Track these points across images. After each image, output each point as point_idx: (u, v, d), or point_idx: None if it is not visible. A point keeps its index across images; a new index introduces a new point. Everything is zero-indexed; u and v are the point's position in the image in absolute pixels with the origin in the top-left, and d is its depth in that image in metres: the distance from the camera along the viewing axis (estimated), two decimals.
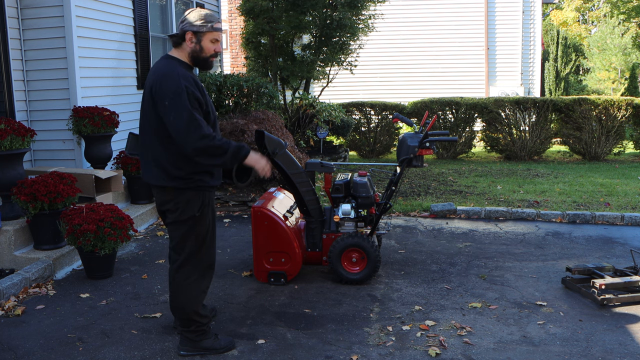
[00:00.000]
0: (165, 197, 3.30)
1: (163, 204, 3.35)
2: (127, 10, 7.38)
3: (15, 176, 4.99)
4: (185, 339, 3.48)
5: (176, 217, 3.30)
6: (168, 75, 3.15)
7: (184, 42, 3.28)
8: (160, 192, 3.33)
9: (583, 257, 5.38)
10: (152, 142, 3.25)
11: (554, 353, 3.52)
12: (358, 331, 3.81)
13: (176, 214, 3.30)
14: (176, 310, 3.46)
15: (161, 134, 3.20)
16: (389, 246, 5.72)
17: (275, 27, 9.67)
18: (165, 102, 3.10)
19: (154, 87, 3.16)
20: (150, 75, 3.25)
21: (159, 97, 3.13)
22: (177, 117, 3.09)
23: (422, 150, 4.64)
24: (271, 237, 4.56)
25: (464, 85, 15.38)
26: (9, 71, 5.92)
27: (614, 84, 23.32)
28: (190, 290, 3.41)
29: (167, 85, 3.12)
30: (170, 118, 3.10)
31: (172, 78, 3.13)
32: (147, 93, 3.23)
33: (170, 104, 3.09)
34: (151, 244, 5.82)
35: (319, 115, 9.73)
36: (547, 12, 32.33)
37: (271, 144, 4.55)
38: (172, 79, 3.13)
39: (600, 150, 11.57)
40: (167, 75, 3.15)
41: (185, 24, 3.25)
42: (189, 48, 3.28)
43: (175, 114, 3.09)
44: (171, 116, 3.09)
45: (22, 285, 4.47)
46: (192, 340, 3.46)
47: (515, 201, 7.54)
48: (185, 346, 3.48)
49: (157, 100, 3.14)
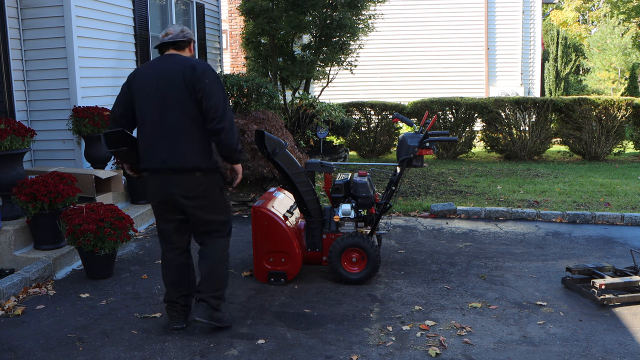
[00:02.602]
0: (196, 181, 3.56)
1: (193, 189, 3.57)
2: (127, 10, 7.38)
3: (15, 176, 4.99)
4: (205, 308, 3.70)
5: (213, 193, 3.65)
6: (201, 63, 3.56)
7: (188, 47, 3.72)
8: (188, 177, 3.55)
9: (583, 257, 5.38)
10: (188, 130, 3.52)
11: (554, 353, 3.52)
12: (358, 331, 3.81)
13: (212, 191, 3.64)
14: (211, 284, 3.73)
15: (199, 121, 3.53)
16: (389, 246, 5.72)
17: (275, 27, 9.67)
18: (207, 80, 3.47)
19: (189, 73, 3.48)
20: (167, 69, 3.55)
21: (198, 79, 3.47)
22: (219, 94, 3.50)
23: (422, 150, 4.64)
24: (271, 237, 4.56)
25: (464, 85, 15.38)
26: (9, 71, 5.92)
27: (614, 84, 23.32)
28: (227, 259, 3.84)
29: (206, 69, 3.53)
30: (212, 95, 3.47)
31: (206, 65, 3.58)
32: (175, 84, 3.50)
33: (211, 83, 3.49)
34: (151, 244, 5.82)
35: (319, 115, 9.73)
36: (547, 12, 32.34)
37: (271, 144, 4.55)
38: (207, 66, 3.59)
39: (600, 150, 11.57)
40: (201, 63, 3.56)
41: (188, 33, 3.70)
42: (191, 52, 3.75)
43: (217, 91, 3.50)
44: (213, 93, 3.48)
45: (22, 285, 4.47)
46: (214, 309, 3.72)
47: (515, 201, 7.54)
48: (203, 314, 3.69)
49: (196, 83, 3.47)
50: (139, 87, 3.60)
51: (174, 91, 3.50)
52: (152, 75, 3.58)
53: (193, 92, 3.49)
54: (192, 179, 3.56)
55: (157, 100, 3.54)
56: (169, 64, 3.58)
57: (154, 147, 3.57)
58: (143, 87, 3.58)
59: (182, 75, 3.49)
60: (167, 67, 3.57)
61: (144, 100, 3.58)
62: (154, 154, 3.57)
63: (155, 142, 3.57)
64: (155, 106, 3.55)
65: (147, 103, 3.57)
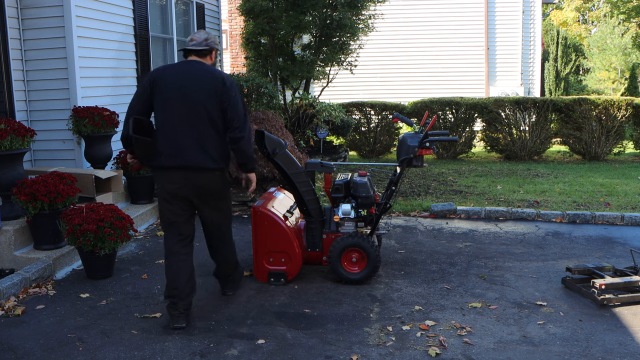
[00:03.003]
0: (210, 178, 3.86)
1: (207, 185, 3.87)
2: (127, 10, 7.38)
3: (15, 176, 4.99)
4: (230, 282, 4.44)
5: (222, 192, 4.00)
6: (226, 75, 3.93)
7: (209, 55, 4.00)
8: (205, 174, 3.84)
9: (583, 257, 5.38)
10: (209, 134, 3.80)
11: (554, 353, 3.52)
12: (358, 331, 3.81)
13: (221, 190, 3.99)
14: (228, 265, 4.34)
15: (220, 129, 3.84)
16: (389, 246, 5.72)
17: (275, 27, 9.67)
18: (232, 93, 3.83)
19: (218, 85, 3.79)
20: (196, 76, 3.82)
21: (227, 91, 3.81)
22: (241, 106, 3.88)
23: (422, 150, 4.64)
24: (271, 237, 4.57)
25: (464, 85, 15.38)
26: (9, 71, 5.92)
27: (614, 84, 23.32)
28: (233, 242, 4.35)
29: (232, 83, 3.87)
30: (237, 106, 3.84)
31: (232, 79, 3.93)
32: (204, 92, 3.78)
33: (236, 95, 3.86)
34: (151, 244, 5.82)
35: (319, 115, 9.73)
36: (547, 12, 32.34)
37: (271, 144, 4.55)
38: (232, 79, 3.94)
39: (600, 150, 11.57)
40: (228, 77, 3.91)
41: (211, 42, 3.97)
42: (212, 60, 4.03)
43: (239, 103, 3.87)
44: (237, 105, 3.85)
45: (22, 285, 4.47)
46: (236, 280, 4.49)
47: (515, 201, 7.54)
48: (229, 287, 4.45)
49: (223, 93, 3.79)
50: (164, 87, 3.80)
51: (201, 98, 3.77)
52: (179, 79, 3.81)
53: (219, 102, 3.79)
54: (207, 175, 3.83)
55: (182, 103, 3.77)
56: (197, 71, 3.85)
57: (176, 146, 3.78)
58: (168, 87, 3.79)
59: (212, 86, 3.78)
60: (195, 74, 3.83)
61: (167, 100, 3.79)
62: (177, 153, 3.78)
63: (177, 142, 3.78)
64: (180, 108, 3.78)
65: (171, 103, 3.79)
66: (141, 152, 3.87)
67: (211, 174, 3.84)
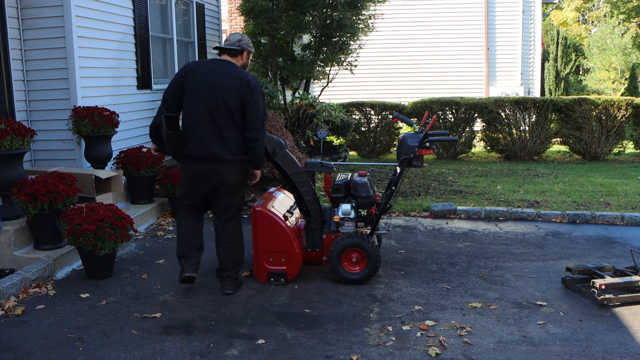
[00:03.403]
0: (231, 169, 4.21)
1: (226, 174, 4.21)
2: (127, 10, 7.38)
3: (15, 176, 4.99)
4: (232, 281, 4.45)
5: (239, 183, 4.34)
6: (252, 78, 4.19)
7: (240, 56, 4.31)
8: (226, 166, 4.19)
9: (583, 257, 5.38)
10: (231, 129, 4.14)
11: (554, 353, 3.52)
12: (358, 331, 3.81)
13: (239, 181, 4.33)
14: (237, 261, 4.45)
15: (239, 123, 4.16)
16: (389, 246, 5.72)
17: (275, 27, 9.67)
18: (255, 97, 4.12)
19: (244, 86, 4.10)
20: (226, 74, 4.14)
21: (250, 94, 4.11)
22: (261, 109, 4.17)
23: (422, 150, 4.64)
24: (271, 237, 4.56)
25: (464, 85, 15.38)
26: (9, 71, 5.92)
27: (614, 84, 23.33)
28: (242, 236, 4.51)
29: (256, 86, 4.16)
30: (257, 108, 4.13)
31: (257, 83, 4.20)
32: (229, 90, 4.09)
33: (258, 99, 4.15)
34: (151, 244, 5.82)
35: (319, 115, 9.73)
36: (547, 12, 32.34)
37: (271, 144, 4.56)
38: (258, 83, 4.20)
39: (600, 150, 11.57)
40: (252, 78, 4.19)
41: (244, 44, 4.30)
42: (243, 61, 4.33)
43: (260, 106, 4.16)
44: (258, 107, 4.14)
45: (22, 285, 4.47)
46: (237, 278, 4.50)
47: (515, 201, 7.54)
48: (230, 287, 4.43)
49: (247, 95, 4.10)
50: (194, 82, 4.14)
51: (227, 96, 4.09)
52: (207, 75, 4.14)
53: (242, 102, 4.11)
54: (229, 166, 4.20)
55: (208, 99, 4.10)
56: (227, 71, 4.17)
57: (200, 138, 4.13)
58: (197, 82, 4.13)
59: (239, 86, 4.10)
60: (224, 73, 4.15)
61: (195, 95, 4.13)
62: (202, 145, 4.13)
63: (202, 135, 4.14)
64: (206, 103, 4.11)
65: (198, 98, 4.12)
66: (170, 145, 4.20)
67: (231, 165, 4.20)
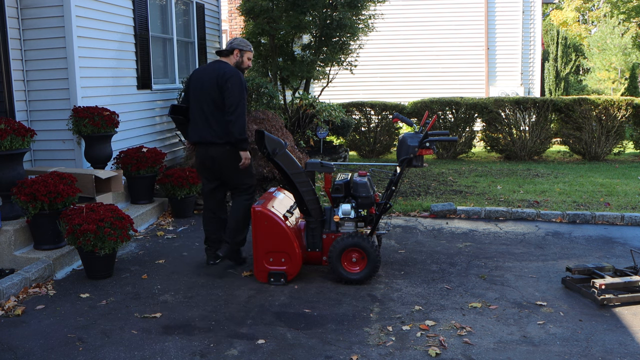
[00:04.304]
0: (221, 151, 4.84)
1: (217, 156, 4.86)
2: (127, 10, 7.37)
3: (15, 176, 4.99)
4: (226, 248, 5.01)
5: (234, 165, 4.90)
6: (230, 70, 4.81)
7: (231, 55, 4.97)
8: (216, 148, 4.84)
9: (583, 257, 5.38)
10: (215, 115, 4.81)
11: (554, 353, 3.52)
12: (358, 331, 3.81)
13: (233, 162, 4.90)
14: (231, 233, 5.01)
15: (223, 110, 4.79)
16: (389, 246, 5.72)
17: (275, 27, 9.66)
18: (229, 84, 4.74)
19: (220, 78, 4.76)
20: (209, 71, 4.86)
21: (224, 81, 4.74)
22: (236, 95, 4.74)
23: (422, 150, 4.64)
24: (271, 237, 4.56)
25: (464, 85, 15.38)
26: (9, 71, 5.92)
27: (614, 84, 23.32)
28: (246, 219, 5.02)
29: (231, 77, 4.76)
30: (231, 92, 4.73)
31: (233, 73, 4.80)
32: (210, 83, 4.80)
33: (232, 86, 4.74)
34: (151, 244, 5.82)
35: (319, 115, 9.72)
36: (547, 12, 32.34)
37: (271, 144, 4.56)
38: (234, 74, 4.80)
39: (600, 150, 11.57)
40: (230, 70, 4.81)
41: (234, 44, 4.98)
42: (235, 59, 4.97)
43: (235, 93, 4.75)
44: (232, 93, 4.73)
45: (22, 285, 4.47)
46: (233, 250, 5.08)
47: (515, 201, 7.54)
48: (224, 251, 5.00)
49: (222, 85, 4.74)
50: (193, 83, 4.95)
51: (210, 88, 4.80)
52: (201, 75, 4.91)
53: (220, 91, 4.76)
54: (217, 148, 4.83)
55: (199, 93, 4.87)
56: (213, 68, 4.87)
57: (196, 125, 4.91)
58: (195, 82, 4.93)
59: (217, 78, 4.78)
60: (210, 70, 4.87)
61: (192, 90, 4.94)
62: (197, 131, 4.90)
63: (197, 122, 4.90)
64: (198, 96, 4.88)
65: (194, 93, 4.92)
66: (179, 128, 5.19)
67: (221, 147, 4.82)
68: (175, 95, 8.48)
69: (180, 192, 6.72)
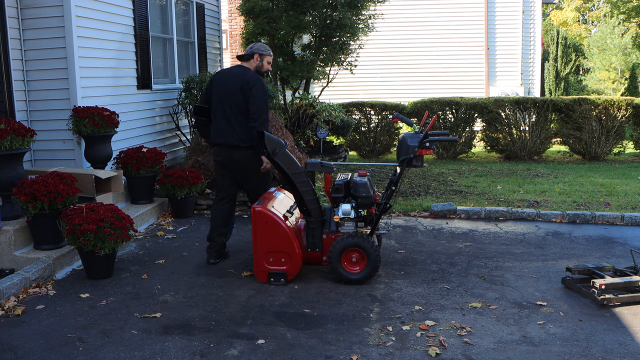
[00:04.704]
0: (242, 154, 5.02)
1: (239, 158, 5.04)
2: (127, 10, 7.37)
3: (15, 176, 4.99)
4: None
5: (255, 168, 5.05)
6: (253, 77, 5.00)
7: (252, 59, 5.13)
8: (238, 151, 5.01)
9: (583, 257, 5.38)
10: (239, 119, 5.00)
11: (554, 353, 3.52)
12: (358, 331, 3.81)
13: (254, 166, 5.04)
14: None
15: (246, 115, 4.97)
16: (389, 246, 5.72)
17: (275, 27, 9.67)
18: (254, 92, 4.92)
19: (244, 84, 4.94)
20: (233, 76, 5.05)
21: (249, 88, 4.92)
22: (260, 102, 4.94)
23: (422, 150, 4.64)
24: (271, 237, 4.56)
25: (464, 85, 15.38)
26: (9, 71, 5.92)
27: (614, 84, 23.33)
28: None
29: (255, 84, 4.94)
30: (256, 99, 4.91)
31: (257, 81, 4.99)
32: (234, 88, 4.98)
33: (256, 93, 4.93)
34: (151, 244, 5.82)
35: (319, 115, 9.72)
36: (547, 12, 32.34)
37: (271, 144, 4.56)
38: (257, 81, 4.99)
39: (600, 150, 11.57)
40: (253, 77, 5.00)
41: (254, 49, 5.13)
42: (256, 63, 5.13)
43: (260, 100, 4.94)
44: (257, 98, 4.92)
45: (22, 285, 4.47)
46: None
47: (515, 201, 7.54)
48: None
49: (247, 91, 4.93)
50: (216, 86, 5.11)
51: (233, 94, 4.97)
52: (225, 79, 5.10)
53: (244, 97, 4.94)
54: (239, 151, 4.99)
55: (222, 96, 5.04)
56: (235, 73, 5.07)
57: (219, 127, 5.07)
58: (218, 86, 5.10)
59: (240, 85, 4.95)
60: (234, 75, 5.05)
61: (214, 94, 5.10)
62: (220, 133, 5.06)
63: (219, 124, 5.07)
64: (221, 100, 5.05)
65: (216, 96, 5.08)
66: (200, 129, 5.34)
67: (244, 151, 4.98)
68: (175, 95, 8.48)
69: (180, 192, 6.72)
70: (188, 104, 8.20)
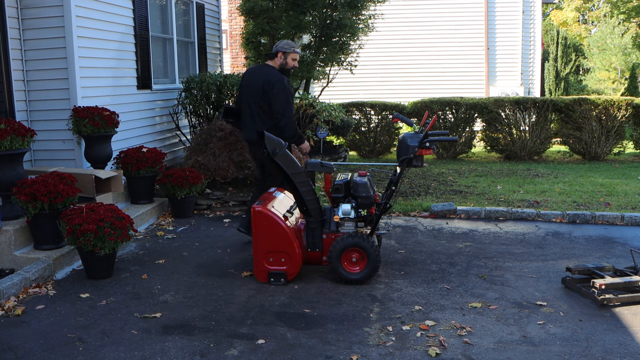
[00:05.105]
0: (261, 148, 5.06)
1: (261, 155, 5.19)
2: (127, 10, 7.37)
3: (15, 176, 4.99)
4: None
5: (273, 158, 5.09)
6: (274, 77, 5.26)
7: (276, 58, 5.40)
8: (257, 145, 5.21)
9: (583, 257, 5.38)
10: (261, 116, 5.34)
11: (554, 353, 3.52)
12: (358, 331, 3.81)
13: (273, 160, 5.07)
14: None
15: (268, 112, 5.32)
16: (389, 246, 5.72)
17: (275, 27, 9.67)
18: (275, 91, 5.20)
19: (266, 83, 5.24)
20: (257, 75, 5.36)
21: (270, 87, 5.21)
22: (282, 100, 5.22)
23: (422, 150, 4.64)
24: (271, 237, 4.56)
25: (464, 85, 15.38)
26: (9, 71, 5.92)
27: (614, 84, 23.33)
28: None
29: (275, 82, 5.22)
30: (277, 98, 5.22)
31: (277, 79, 5.25)
32: (257, 87, 5.30)
33: (278, 92, 5.21)
34: (151, 244, 5.82)
35: (319, 115, 9.71)
36: (547, 12, 32.34)
37: (271, 144, 4.56)
38: (278, 79, 5.25)
39: (600, 150, 11.57)
40: (274, 77, 5.26)
41: (279, 47, 5.39)
42: (280, 61, 5.40)
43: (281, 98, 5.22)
44: (279, 99, 5.22)
45: (22, 285, 4.47)
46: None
47: (515, 201, 7.54)
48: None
49: (268, 90, 5.22)
50: (244, 84, 5.47)
51: (257, 92, 5.30)
52: (250, 77, 5.41)
53: (266, 96, 5.26)
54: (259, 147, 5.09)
55: (246, 95, 5.39)
56: (260, 72, 5.35)
57: (246, 125, 5.47)
58: (245, 84, 5.45)
59: (262, 84, 5.25)
60: (259, 74, 5.35)
61: (244, 94, 5.44)
62: (246, 130, 5.46)
63: (246, 122, 5.45)
64: (246, 98, 5.40)
65: (243, 95, 5.44)
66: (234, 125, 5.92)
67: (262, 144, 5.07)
68: (175, 95, 8.48)
69: (180, 192, 6.72)
70: (188, 104, 8.21)
